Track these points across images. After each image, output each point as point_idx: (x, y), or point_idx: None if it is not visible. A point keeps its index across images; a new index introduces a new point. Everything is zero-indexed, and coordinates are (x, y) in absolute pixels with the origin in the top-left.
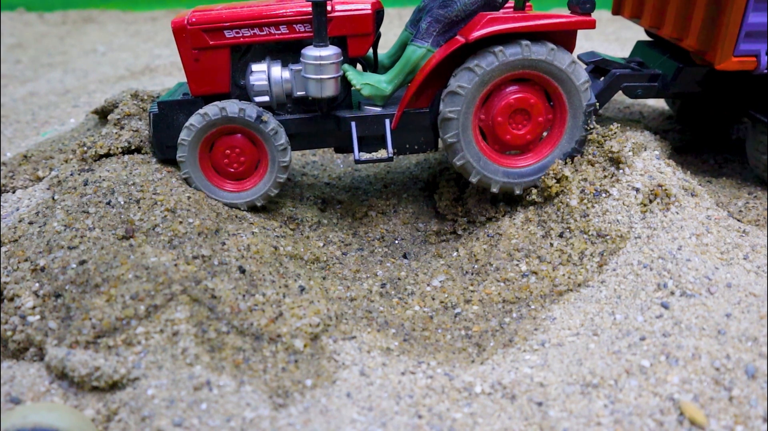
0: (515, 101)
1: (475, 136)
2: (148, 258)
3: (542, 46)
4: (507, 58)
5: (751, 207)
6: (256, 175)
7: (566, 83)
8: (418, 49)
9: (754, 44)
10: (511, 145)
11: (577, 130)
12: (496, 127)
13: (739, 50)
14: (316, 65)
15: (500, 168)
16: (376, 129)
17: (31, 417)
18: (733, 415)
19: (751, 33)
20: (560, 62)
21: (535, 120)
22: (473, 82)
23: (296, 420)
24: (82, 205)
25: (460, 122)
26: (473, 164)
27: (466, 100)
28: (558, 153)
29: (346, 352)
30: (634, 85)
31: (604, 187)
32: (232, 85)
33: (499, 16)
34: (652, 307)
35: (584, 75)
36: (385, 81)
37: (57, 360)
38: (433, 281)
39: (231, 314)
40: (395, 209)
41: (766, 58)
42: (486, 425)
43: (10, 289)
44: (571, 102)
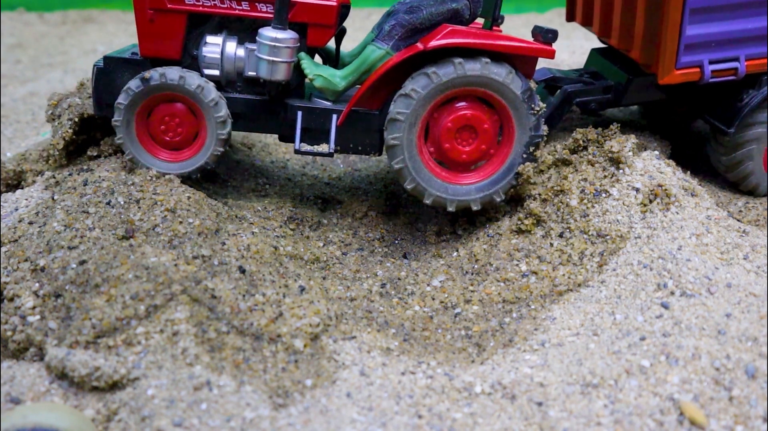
0: (471, 116)
1: (419, 144)
2: (148, 258)
3: (502, 68)
4: (465, 72)
5: (751, 207)
6: (193, 146)
7: (519, 109)
8: (377, 49)
9: (696, 55)
10: (446, 156)
11: (518, 159)
12: (443, 130)
13: (681, 63)
14: (271, 46)
15: (438, 181)
16: (322, 122)
17: (31, 417)
18: (733, 415)
19: (692, 45)
20: (516, 87)
21: (479, 145)
22: (427, 88)
23: (296, 420)
24: (82, 205)
25: (407, 126)
26: (411, 171)
27: (416, 105)
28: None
29: (346, 352)
30: (587, 99)
31: (604, 187)
32: (184, 53)
33: (461, 30)
34: (652, 307)
35: (538, 105)
36: (339, 76)
37: (57, 360)
38: (433, 281)
39: (231, 314)
40: (395, 209)
41: (709, 68)
42: (486, 425)
43: (10, 289)
44: (520, 129)
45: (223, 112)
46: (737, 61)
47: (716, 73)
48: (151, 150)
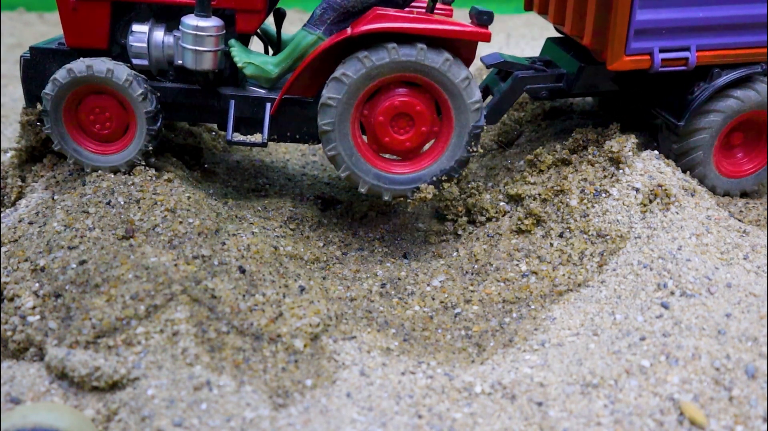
0: (400, 104)
1: (353, 130)
2: (148, 258)
3: (438, 55)
4: (399, 57)
5: (751, 207)
6: (123, 139)
7: (457, 99)
8: (308, 35)
9: (647, 42)
10: (389, 149)
11: (460, 150)
12: (376, 126)
13: (631, 49)
14: (194, 35)
15: (372, 169)
16: (256, 111)
17: (31, 417)
18: (733, 415)
19: (642, 30)
20: (454, 75)
21: (418, 128)
22: (359, 73)
23: (296, 420)
24: (82, 205)
25: (339, 111)
26: (344, 158)
27: (348, 90)
28: (436, 168)
29: (346, 352)
30: (537, 86)
31: (604, 187)
32: (112, 42)
33: (389, 14)
34: (652, 307)
35: (477, 94)
36: (272, 63)
37: (57, 360)
38: (433, 281)
39: (231, 314)
40: (395, 209)
41: (659, 56)
42: (486, 425)
43: (10, 289)
44: (459, 119)
45: (152, 107)
46: (688, 51)
47: (666, 62)
48: (80, 141)
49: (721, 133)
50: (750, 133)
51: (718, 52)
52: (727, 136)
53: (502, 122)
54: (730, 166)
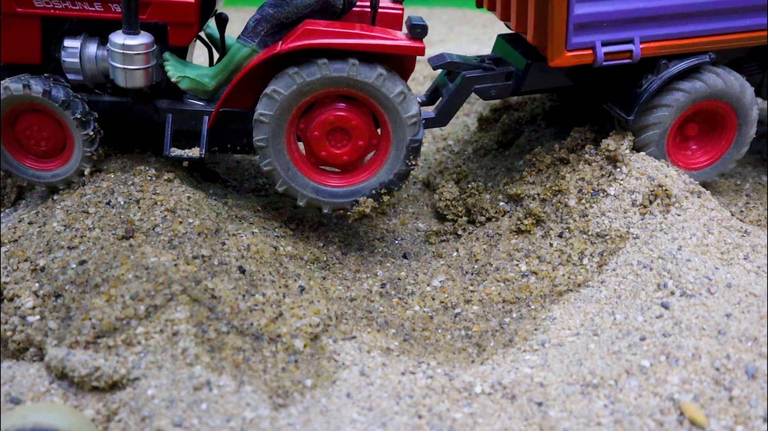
0: (335, 119)
1: (288, 145)
2: (148, 258)
3: (371, 69)
4: (330, 73)
5: (751, 207)
6: (61, 157)
7: (392, 113)
8: (243, 47)
9: (588, 36)
10: (327, 163)
11: (398, 163)
12: (312, 140)
13: (572, 44)
14: (122, 54)
15: (310, 182)
16: (194, 125)
17: (30, 417)
18: (733, 415)
19: (582, 25)
20: (388, 90)
21: (355, 143)
22: (290, 90)
23: (296, 420)
24: (82, 205)
25: (272, 127)
26: (281, 172)
27: (280, 106)
28: (375, 181)
29: (346, 352)
30: (486, 86)
31: (602, 187)
32: (45, 57)
33: (318, 29)
34: (652, 307)
35: (414, 108)
36: (208, 75)
37: (57, 360)
38: (433, 281)
39: (231, 314)
40: (395, 209)
41: (602, 50)
42: (486, 425)
43: (10, 289)
44: (396, 133)
45: (89, 130)
46: (632, 43)
47: (610, 55)
48: (18, 157)
49: (672, 127)
50: (704, 124)
51: (664, 42)
52: (680, 129)
53: (502, 122)
54: (685, 159)
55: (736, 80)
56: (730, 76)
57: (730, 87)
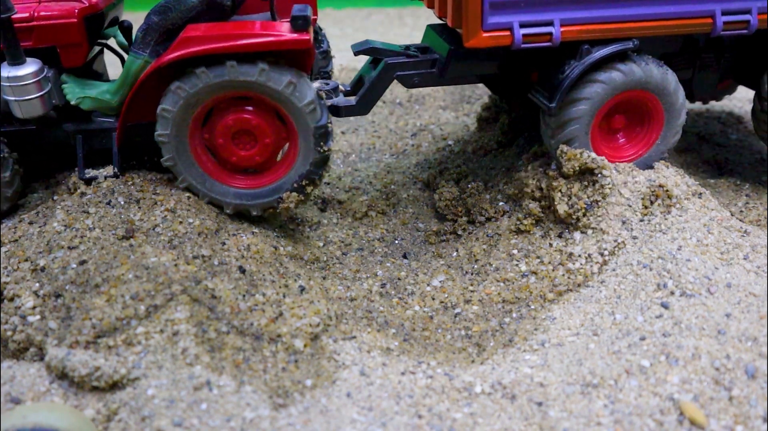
0: (234, 122)
1: (197, 158)
2: (148, 258)
3: (252, 67)
4: (211, 80)
5: (751, 207)
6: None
7: (287, 104)
8: (136, 59)
9: (505, 16)
10: (242, 166)
11: (311, 152)
12: (219, 148)
13: (488, 24)
14: (11, 87)
15: (230, 189)
16: (105, 142)
17: (31, 417)
18: (733, 415)
19: (497, 4)
20: (275, 83)
21: (261, 141)
22: (178, 105)
23: (296, 420)
24: (82, 205)
25: (174, 145)
26: (198, 186)
27: (174, 123)
28: (294, 174)
29: (346, 352)
30: (408, 73)
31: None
32: None
33: (195, 36)
34: (652, 307)
35: (308, 95)
36: (110, 92)
37: (57, 360)
38: (433, 281)
39: (231, 314)
40: (395, 209)
41: (520, 31)
42: (486, 425)
43: (11, 289)
44: (299, 123)
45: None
46: (552, 26)
47: (528, 37)
48: None
49: (595, 120)
50: (631, 115)
51: (585, 26)
52: (607, 121)
53: (502, 122)
54: (614, 152)
55: (656, 68)
56: (650, 64)
57: (650, 76)
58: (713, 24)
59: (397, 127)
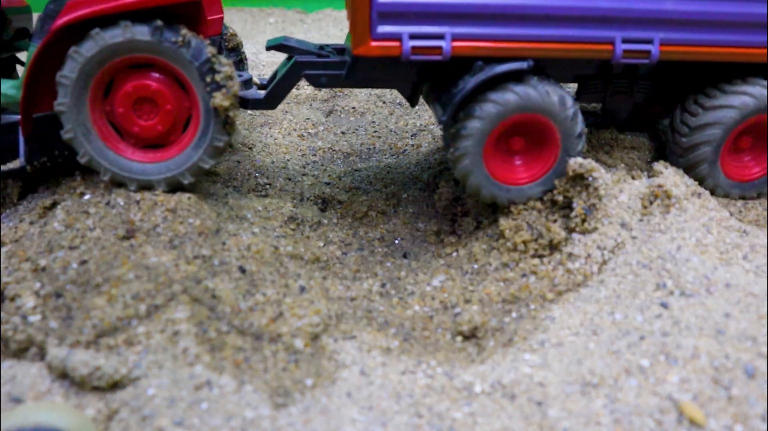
0: (133, 89)
1: (99, 130)
2: (148, 258)
3: (145, 26)
4: (106, 42)
5: (750, 207)
6: None
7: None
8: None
9: (395, 26)
10: (146, 138)
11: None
12: (119, 118)
13: (377, 33)
14: None
15: (133, 164)
16: (13, 138)
17: (32, 417)
18: (733, 414)
19: (387, 14)
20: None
21: (163, 108)
22: (76, 71)
23: (296, 420)
24: (82, 206)
25: (73, 116)
26: (99, 161)
27: (73, 92)
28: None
29: (346, 352)
30: (316, 73)
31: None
32: None
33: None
34: (652, 307)
35: (205, 54)
36: (14, 86)
37: (58, 360)
38: (433, 281)
39: (231, 314)
40: (395, 209)
41: (409, 43)
42: (486, 424)
43: (11, 289)
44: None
45: None
46: (442, 39)
47: (418, 49)
48: None
49: (488, 139)
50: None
51: (479, 43)
52: (505, 142)
53: None
54: (506, 174)
55: (553, 92)
56: (547, 87)
57: (545, 99)
58: (613, 51)
59: (397, 127)
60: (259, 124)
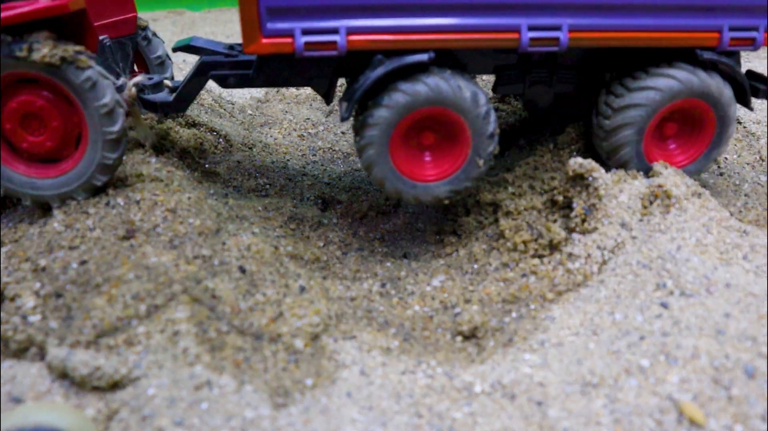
0: (18, 105)
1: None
2: (148, 259)
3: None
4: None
5: (750, 207)
6: None
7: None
8: None
9: (287, 22)
10: (36, 153)
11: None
12: (8, 134)
13: (268, 30)
14: None
15: (26, 179)
16: None
17: (32, 417)
18: (733, 414)
19: (275, 9)
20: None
21: (49, 124)
22: None
23: (296, 420)
24: (82, 206)
25: None
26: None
27: None
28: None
29: (346, 352)
30: (223, 73)
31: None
32: None
33: None
34: (652, 307)
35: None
36: None
37: (58, 360)
38: (433, 281)
39: (231, 314)
40: (395, 209)
41: (302, 39)
42: (486, 424)
43: (11, 289)
44: (83, 102)
45: None
46: (336, 34)
47: (311, 45)
48: None
49: (395, 130)
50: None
51: (375, 36)
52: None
53: (501, 123)
54: (414, 169)
55: (466, 87)
56: (460, 81)
57: (456, 93)
58: (519, 39)
59: None
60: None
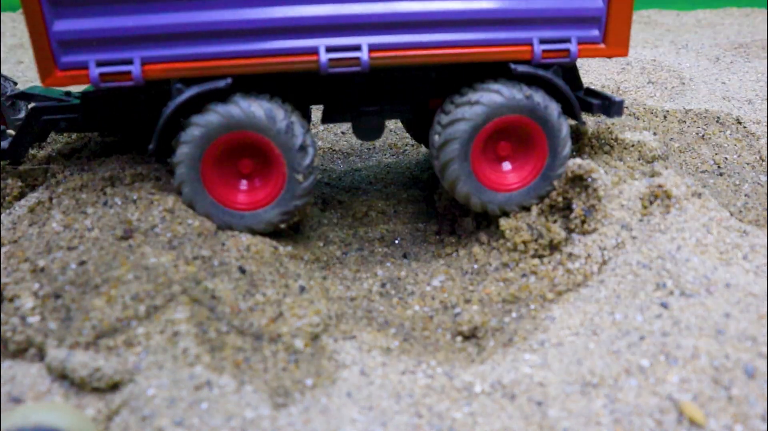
0: None
1: None
2: (147, 259)
3: None
4: None
5: (750, 207)
6: None
7: None
8: None
9: (81, 55)
10: None
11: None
12: None
13: (63, 63)
14: None
15: None
16: None
17: (32, 417)
18: (732, 414)
19: (67, 42)
20: None
21: None
22: None
23: (296, 420)
24: (80, 206)
25: None
26: None
27: None
28: None
29: (346, 352)
30: (54, 118)
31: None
32: None
33: None
34: (652, 307)
35: None
36: None
37: (57, 361)
38: (433, 281)
39: (231, 314)
40: (395, 209)
41: (96, 70)
42: (486, 424)
43: (10, 290)
44: None
45: None
46: (131, 65)
47: (107, 76)
48: None
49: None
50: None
51: (170, 65)
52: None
53: None
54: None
55: (259, 107)
56: (252, 102)
57: (249, 115)
58: (318, 61)
59: (397, 127)
60: None
